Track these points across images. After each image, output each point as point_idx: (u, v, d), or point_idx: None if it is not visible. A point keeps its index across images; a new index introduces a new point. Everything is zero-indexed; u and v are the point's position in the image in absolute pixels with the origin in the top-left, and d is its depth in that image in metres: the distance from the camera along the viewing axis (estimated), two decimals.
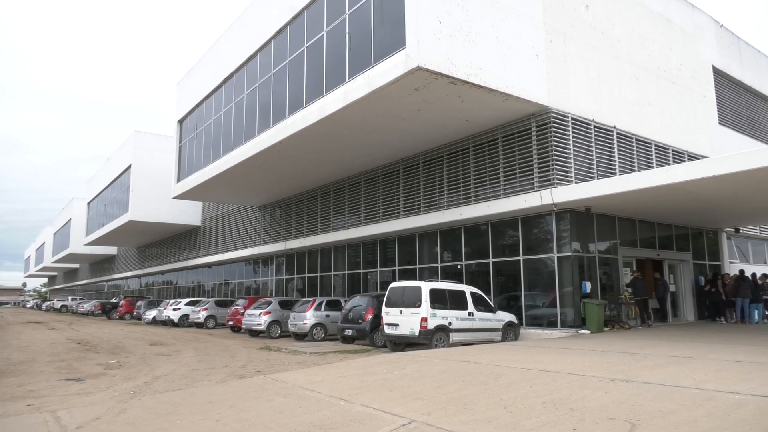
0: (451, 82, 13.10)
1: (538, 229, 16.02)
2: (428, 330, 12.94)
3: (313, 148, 18.82)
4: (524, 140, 15.86)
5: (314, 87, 16.59)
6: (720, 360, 8.99)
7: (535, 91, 14.67)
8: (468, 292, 14.32)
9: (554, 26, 15.61)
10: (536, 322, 15.69)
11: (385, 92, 13.68)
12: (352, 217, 22.80)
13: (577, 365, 8.80)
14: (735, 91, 23.11)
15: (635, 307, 16.53)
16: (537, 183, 15.35)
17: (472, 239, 17.91)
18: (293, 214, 27.18)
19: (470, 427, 5.20)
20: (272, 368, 11.61)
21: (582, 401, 6.16)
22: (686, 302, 19.53)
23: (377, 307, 15.23)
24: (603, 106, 16.71)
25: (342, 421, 5.63)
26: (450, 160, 18.26)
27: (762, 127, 24.39)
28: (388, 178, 20.94)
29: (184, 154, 27.66)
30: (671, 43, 19.66)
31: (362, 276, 22.83)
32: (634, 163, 17.39)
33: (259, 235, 30.34)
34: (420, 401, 6.46)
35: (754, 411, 5.47)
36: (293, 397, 7.06)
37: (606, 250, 16.47)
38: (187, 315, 28.83)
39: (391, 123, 16.14)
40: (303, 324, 18.29)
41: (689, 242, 19.86)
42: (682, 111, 19.65)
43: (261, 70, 20.15)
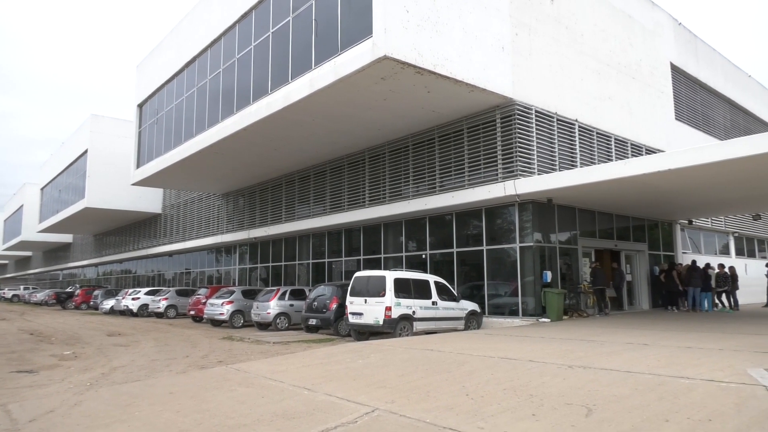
0: (418, 72, 13.09)
1: (502, 220, 16.27)
2: (392, 319, 13.02)
3: (278, 135, 18.56)
4: (489, 131, 16.02)
5: (280, 74, 16.33)
6: (672, 347, 9.33)
7: (500, 83, 14.81)
8: (432, 281, 14.45)
9: (520, 19, 15.76)
10: (498, 311, 15.97)
11: (351, 81, 13.58)
12: (318, 205, 22.65)
13: (537, 353, 8.99)
14: (691, 88, 23.88)
15: (593, 296, 17.01)
16: (501, 174, 15.55)
17: (437, 229, 18.05)
18: (257, 203, 26.82)
19: (432, 415, 5.26)
20: (235, 358, 11.46)
21: (541, 387, 6.30)
22: (641, 291, 20.21)
23: (342, 297, 15.21)
24: (566, 99, 17.01)
25: (305, 411, 5.62)
26: (416, 150, 18.31)
27: (715, 123, 25.32)
28: (354, 167, 20.86)
29: (144, 140, 26.88)
30: (632, 39, 20.14)
31: (327, 265, 22.75)
32: (594, 155, 17.81)
33: (222, 224, 29.84)
34: (383, 389, 6.50)
35: (702, 395, 5.70)
36: (256, 386, 7.00)
37: (566, 241, 16.86)
38: (147, 305, 28.20)
39: (358, 112, 16.05)
40: (266, 313, 18.12)
41: (645, 233, 20.52)
42: (641, 106, 20.19)
43: (225, 54, 19.70)
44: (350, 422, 5.14)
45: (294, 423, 5.20)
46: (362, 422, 5.14)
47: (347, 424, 5.08)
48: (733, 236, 26.57)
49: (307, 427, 5.05)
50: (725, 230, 25.81)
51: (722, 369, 6.98)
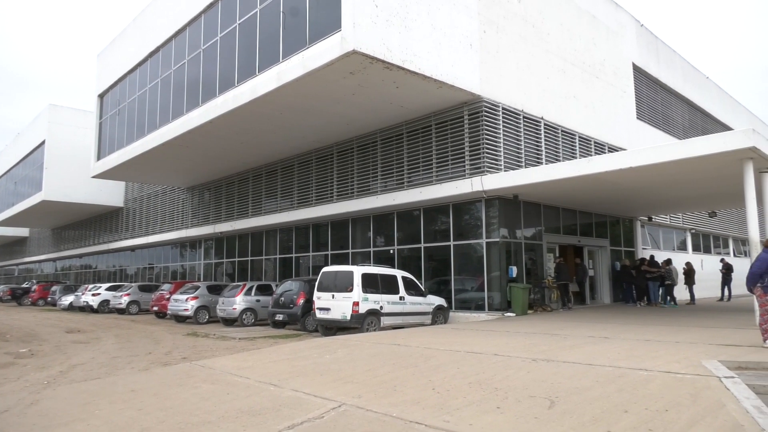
0: (387, 68, 13.08)
1: (469, 216, 16.43)
2: (360, 314, 13.01)
3: (244, 129, 18.28)
4: (457, 128, 16.14)
5: (247, 66, 16.08)
6: (631, 340, 9.61)
7: (468, 80, 14.93)
8: (399, 276, 14.50)
9: (488, 17, 15.90)
10: (465, 306, 16.15)
11: (319, 74, 13.47)
12: (285, 200, 22.43)
13: (502, 346, 9.13)
14: (652, 88, 24.52)
15: (557, 290, 17.36)
16: (468, 170, 15.69)
17: (405, 224, 18.11)
18: (223, 197, 26.39)
19: (399, 409, 5.29)
20: (199, 354, 11.26)
21: (506, 381, 6.40)
22: (603, 286, 20.71)
23: (309, 292, 15.13)
24: (532, 97, 17.26)
25: (272, 407, 5.58)
26: (384, 146, 18.31)
27: (674, 123, 26.08)
28: (322, 162, 20.73)
29: (105, 131, 26.08)
30: (596, 39, 20.56)
31: (294, 260, 22.59)
32: (559, 153, 18.14)
33: (187, 218, 29.27)
34: (350, 384, 6.50)
35: (660, 386, 5.89)
36: (221, 383, 6.92)
37: (532, 237, 17.15)
38: (108, 300, 27.41)
39: (326, 106, 15.94)
40: (232, 309, 17.88)
41: (607, 229, 21.03)
42: (605, 105, 20.65)
43: (190, 45, 19.27)
44: (317, 417, 5.14)
45: (260, 419, 5.16)
46: (329, 417, 5.14)
47: (314, 420, 5.07)
48: (691, 233, 27.47)
49: (274, 423, 5.02)
50: (683, 227, 26.66)
51: (679, 361, 7.22)
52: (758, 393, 5.62)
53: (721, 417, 4.73)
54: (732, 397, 5.30)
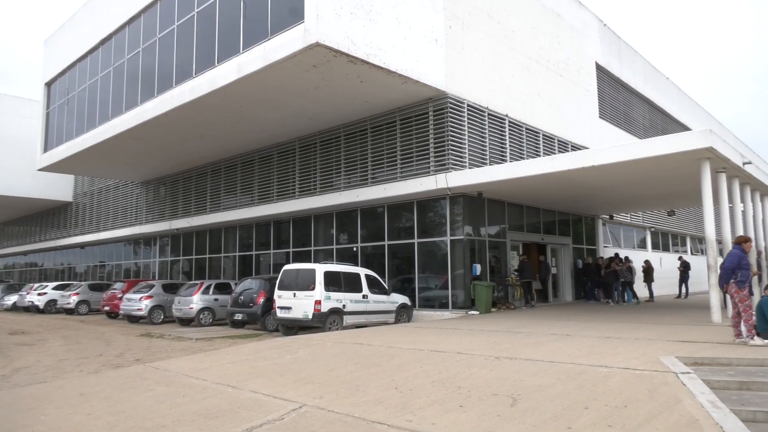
0: (351, 61, 12.87)
1: (433, 213, 16.40)
2: (322, 313, 12.80)
3: (202, 121, 17.75)
4: (421, 124, 16.06)
5: (205, 56, 15.59)
6: (592, 337, 9.73)
7: (433, 76, 14.86)
8: (363, 274, 14.35)
9: (453, 12, 15.87)
10: (429, 304, 16.11)
11: (282, 67, 13.17)
12: (245, 196, 21.95)
13: (465, 345, 9.11)
14: (614, 88, 25.04)
15: (521, 288, 17.53)
16: (433, 167, 15.64)
17: (369, 221, 17.95)
18: (180, 192, 25.67)
19: (361, 409, 5.23)
20: (154, 356, 10.91)
21: (469, 379, 6.36)
22: (566, 284, 21.04)
23: (269, 290, 14.83)
24: (497, 94, 17.35)
25: (229, 409, 5.46)
26: (348, 141, 18.09)
27: (635, 123, 26.70)
28: (284, 157, 20.36)
29: (52, 121, 24.94)
30: (560, 37, 20.83)
31: (254, 258, 22.14)
32: (523, 151, 18.30)
33: (141, 214, 28.36)
34: (312, 385, 6.41)
35: (619, 382, 5.95)
36: (176, 385, 6.74)
37: (496, 234, 17.25)
38: (55, 300, 26.28)
39: (288, 99, 15.62)
40: (189, 308, 17.36)
41: (570, 228, 21.39)
42: (568, 103, 20.96)
43: (145, 33, 18.57)
44: (276, 419, 5.04)
45: (217, 422, 5.04)
46: (289, 419, 5.05)
47: (273, 422, 4.97)
48: (650, 231, 28.24)
49: (231, 426, 4.91)
50: (643, 225, 27.37)
51: (637, 357, 7.33)
52: (713, 388, 5.73)
53: (677, 412, 4.81)
54: (688, 393, 5.40)
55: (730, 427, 4.33)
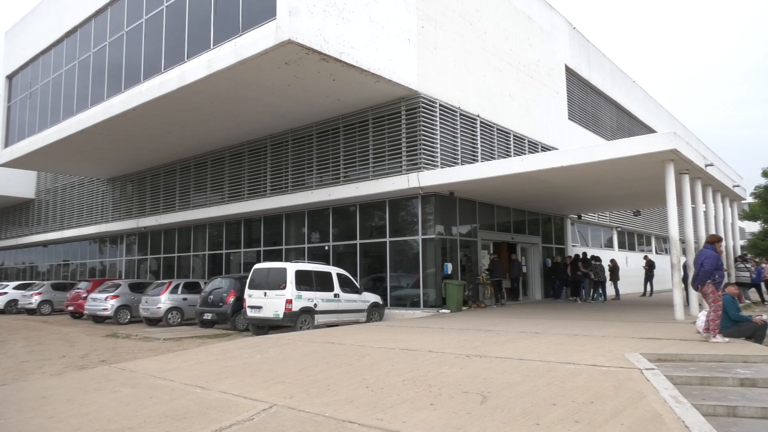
0: (323, 59, 12.80)
1: (405, 212, 16.43)
2: (293, 312, 12.71)
3: (171, 117, 17.41)
4: (394, 123, 16.08)
5: (174, 51, 15.29)
6: (561, 334, 9.89)
7: (405, 75, 14.89)
8: (334, 273, 14.30)
9: (426, 12, 15.93)
10: (400, 303, 16.15)
11: (253, 64, 13.00)
12: (215, 194, 21.62)
13: (436, 343, 9.15)
14: (583, 90, 25.51)
15: (491, 287, 17.70)
16: (405, 166, 15.68)
17: (341, 220, 17.89)
18: (148, 189, 25.14)
19: (332, 408, 5.21)
20: (120, 357, 10.66)
21: (440, 377, 6.39)
22: (535, 282, 21.33)
23: (240, 290, 14.66)
24: (468, 94, 17.48)
25: (198, 410, 5.38)
26: (320, 139, 17.99)
27: (603, 124, 27.25)
28: (255, 155, 20.13)
29: (13, 115, 24.10)
30: (531, 39, 21.11)
31: (224, 257, 21.84)
32: (494, 151, 18.49)
33: (107, 211, 27.67)
34: (282, 385, 6.36)
35: (586, 379, 6.06)
36: (143, 386, 6.61)
37: (467, 233, 17.39)
38: (16, 300, 25.46)
39: (260, 97, 15.44)
40: (157, 308, 17.02)
41: (539, 227, 21.69)
42: (538, 105, 21.26)
43: (112, 26, 18.10)
44: (246, 420, 4.99)
45: (185, 424, 4.95)
46: (259, 419, 5.00)
47: (243, 422, 4.92)
48: (616, 231, 28.86)
49: (200, 427, 4.84)
50: (610, 225, 27.95)
51: (604, 354, 7.47)
52: (675, 383, 5.89)
53: (641, 407, 4.92)
54: (652, 388, 5.53)
55: (691, 422, 4.45)
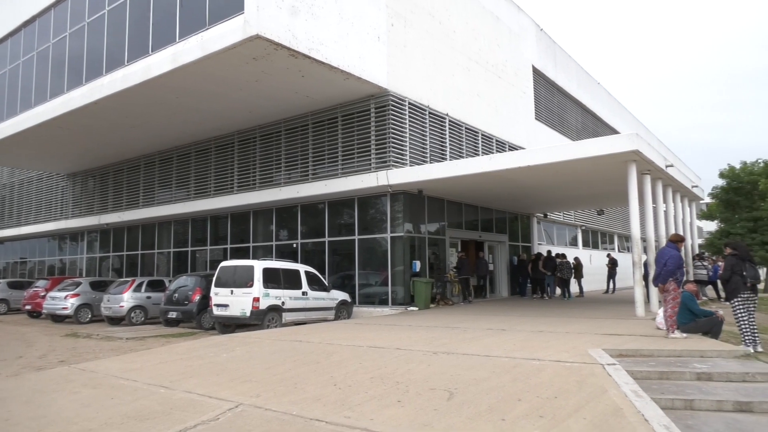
0: (292, 55, 12.68)
1: (374, 210, 16.44)
2: (260, 310, 12.58)
3: (135, 112, 16.98)
4: (363, 121, 16.06)
5: (138, 44, 14.92)
6: (526, 331, 10.04)
7: (375, 73, 14.88)
8: (303, 271, 14.20)
9: (396, 10, 15.94)
10: (369, 300, 16.15)
11: (220, 58, 12.79)
12: (180, 190, 21.21)
13: (404, 340, 9.18)
14: (549, 91, 25.94)
15: (459, 284, 17.86)
16: (374, 164, 15.67)
17: (309, 218, 17.78)
18: (110, 185, 24.49)
19: (299, 407, 5.17)
20: (80, 357, 10.37)
21: (407, 374, 6.41)
22: (502, 280, 21.60)
23: (206, 288, 14.43)
24: (437, 93, 17.58)
25: (161, 410, 5.27)
26: (288, 136, 17.83)
27: (569, 125, 27.79)
28: (222, 151, 19.82)
29: None
30: (499, 40, 21.35)
31: (190, 254, 21.45)
32: (463, 149, 18.65)
33: (68, 207, 26.84)
34: (249, 383, 6.29)
35: (551, 374, 6.17)
36: (105, 387, 6.43)
37: (435, 231, 17.50)
38: None
39: (227, 92, 15.20)
40: (119, 307, 16.61)
41: (506, 225, 21.98)
42: (506, 104, 21.53)
43: (73, 16, 17.52)
44: (211, 419, 4.90)
45: (148, 424, 4.84)
46: (225, 419, 4.92)
47: (208, 422, 4.83)
48: (581, 229, 29.49)
49: (163, 427, 4.73)
50: (574, 224, 28.55)
51: (568, 350, 7.62)
52: (636, 378, 6.03)
53: (603, 402, 5.03)
54: (613, 383, 5.66)
55: (650, 415, 4.57)
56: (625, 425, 4.37)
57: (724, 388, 5.95)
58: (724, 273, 8.23)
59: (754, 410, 5.33)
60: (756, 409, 5.34)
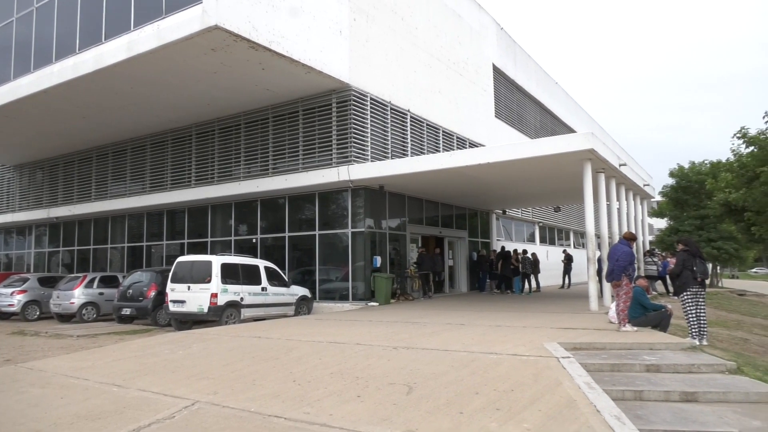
0: (252, 47, 12.46)
1: (335, 205, 16.36)
2: (218, 306, 12.36)
3: (87, 102, 16.36)
4: (324, 115, 15.94)
5: (91, 31, 14.36)
6: (485, 326, 10.21)
7: (337, 67, 14.78)
8: (262, 266, 14.03)
9: (358, 5, 15.87)
10: (329, 296, 16.08)
11: (177, 48, 12.45)
12: (135, 184, 20.59)
13: (364, 336, 9.19)
14: (509, 89, 26.32)
15: (419, 280, 17.99)
16: (335, 159, 15.59)
17: (269, 213, 17.55)
18: (60, 177, 23.55)
19: (258, 403, 5.13)
20: (27, 356, 9.96)
21: (367, 369, 6.42)
22: (461, 275, 21.88)
23: (161, 283, 14.09)
24: (399, 89, 17.60)
25: (114, 409, 5.13)
26: (248, 130, 17.53)
27: (528, 123, 28.27)
28: (179, 144, 19.33)
29: None
30: (461, 37, 21.54)
31: (145, 249, 20.87)
32: (424, 146, 18.75)
33: (14, 200, 25.67)
34: (206, 381, 6.18)
35: (508, 368, 6.29)
36: (54, 386, 6.23)
37: (396, 227, 17.55)
38: None
39: (184, 83, 14.82)
40: (70, 303, 16.03)
41: (466, 221, 22.25)
42: (467, 102, 21.76)
43: (20, 1, 16.72)
44: (167, 418, 4.81)
45: (100, 424, 4.71)
46: (180, 417, 4.83)
47: (163, 420, 4.74)
48: (538, 226, 30.13)
49: (116, 427, 4.61)
50: (532, 220, 29.13)
51: (524, 344, 7.78)
52: (589, 371, 6.21)
53: (558, 394, 5.15)
54: (568, 376, 5.80)
55: (602, 406, 4.72)
56: (578, 416, 4.48)
57: (672, 379, 6.19)
58: (675, 268, 8.55)
59: (698, 400, 5.56)
60: (701, 398, 5.57)
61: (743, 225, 21.34)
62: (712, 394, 5.60)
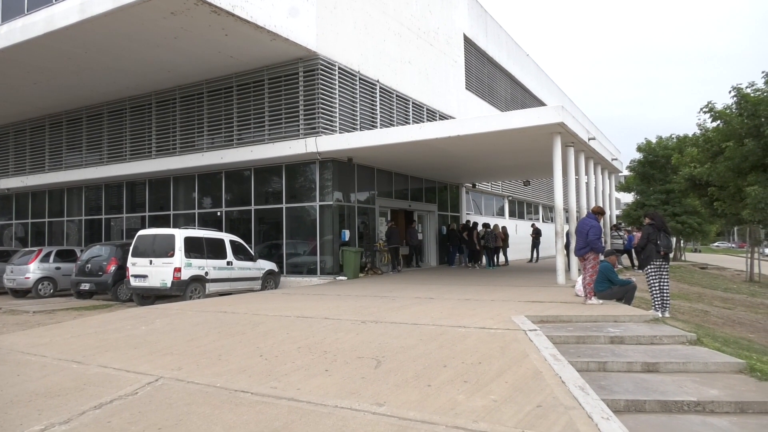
0: (214, 11, 11.92)
1: (303, 177, 16.08)
2: (182, 281, 12.08)
3: (38, 66, 15.48)
4: (291, 85, 15.52)
5: None
6: (453, 299, 10.25)
7: (303, 35, 14.34)
8: (227, 240, 13.74)
9: None
10: (297, 270, 15.93)
11: (134, 11, 11.83)
12: (92, 154, 19.79)
13: (332, 310, 9.12)
14: (480, 60, 26.09)
15: (388, 254, 17.97)
16: (302, 130, 15.26)
17: (234, 185, 17.16)
18: (11, 147, 22.49)
19: (224, 379, 5.05)
20: None
21: (335, 344, 6.36)
22: (431, 249, 21.94)
23: (122, 258, 13.71)
24: (368, 58, 17.24)
25: (74, 386, 4.97)
26: (211, 99, 16.96)
27: (498, 96, 28.17)
28: (138, 113, 18.60)
29: None
30: (431, 6, 21.11)
31: (104, 222, 20.22)
32: (393, 117, 18.52)
33: None
34: (170, 356, 6.04)
35: (475, 341, 6.30)
36: (9, 363, 6.03)
37: (365, 200, 17.40)
38: None
39: (143, 49, 14.15)
40: (24, 278, 15.46)
41: (436, 195, 22.24)
42: (437, 73, 21.49)
43: None
44: (129, 394, 4.68)
45: (59, 401, 4.55)
46: (144, 393, 4.71)
47: (126, 397, 4.61)
48: (508, 200, 30.36)
49: (77, 404, 4.45)
50: (502, 194, 29.32)
51: (492, 317, 7.84)
52: (555, 343, 6.30)
53: (524, 366, 5.21)
54: (534, 348, 5.87)
55: (567, 377, 4.78)
56: (544, 387, 4.53)
57: (635, 351, 6.33)
58: (640, 241, 8.70)
59: (660, 370, 5.70)
60: (662, 369, 5.71)
61: (707, 200, 21.83)
62: (672, 364, 5.74)
